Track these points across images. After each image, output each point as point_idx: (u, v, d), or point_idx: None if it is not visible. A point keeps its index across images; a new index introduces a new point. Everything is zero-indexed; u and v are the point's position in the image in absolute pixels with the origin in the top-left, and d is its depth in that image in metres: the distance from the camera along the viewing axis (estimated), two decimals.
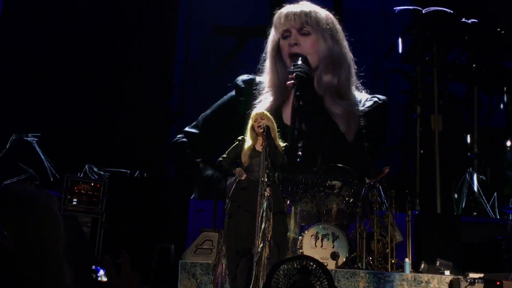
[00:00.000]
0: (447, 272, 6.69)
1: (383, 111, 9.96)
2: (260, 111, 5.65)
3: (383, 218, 7.05)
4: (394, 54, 10.58)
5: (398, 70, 10.76)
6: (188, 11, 10.63)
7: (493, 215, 9.98)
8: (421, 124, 10.33)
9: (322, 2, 10.01)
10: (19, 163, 9.23)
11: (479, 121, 10.63)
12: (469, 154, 10.55)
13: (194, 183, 9.17)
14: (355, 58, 9.81)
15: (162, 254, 6.87)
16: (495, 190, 10.22)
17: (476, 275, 6.12)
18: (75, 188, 7.46)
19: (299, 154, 9.24)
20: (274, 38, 9.83)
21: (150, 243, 7.08)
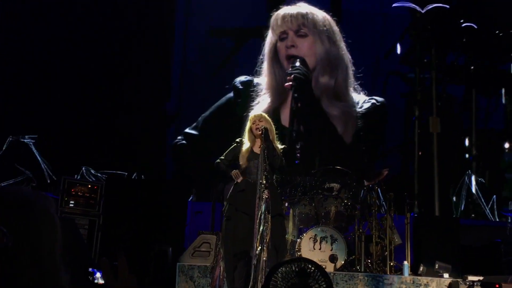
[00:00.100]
0: (446, 275, 6.67)
1: (381, 113, 9.96)
2: (258, 113, 5.61)
3: (382, 220, 7.03)
4: (394, 55, 10.58)
5: (396, 73, 10.76)
6: (186, 12, 10.63)
7: (492, 218, 9.96)
8: (419, 126, 10.32)
9: (320, 3, 10.00)
10: (16, 164, 9.21)
11: (477, 123, 10.64)
12: (467, 156, 10.55)
13: (194, 184, 9.14)
14: (354, 58, 9.81)
15: (159, 256, 6.84)
16: (494, 192, 10.22)
17: (475, 278, 6.10)
18: (72, 190, 7.43)
19: (297, 156, 9.23)
20: (271, 40, 9.82)
21: (147, 245, 7.05)
